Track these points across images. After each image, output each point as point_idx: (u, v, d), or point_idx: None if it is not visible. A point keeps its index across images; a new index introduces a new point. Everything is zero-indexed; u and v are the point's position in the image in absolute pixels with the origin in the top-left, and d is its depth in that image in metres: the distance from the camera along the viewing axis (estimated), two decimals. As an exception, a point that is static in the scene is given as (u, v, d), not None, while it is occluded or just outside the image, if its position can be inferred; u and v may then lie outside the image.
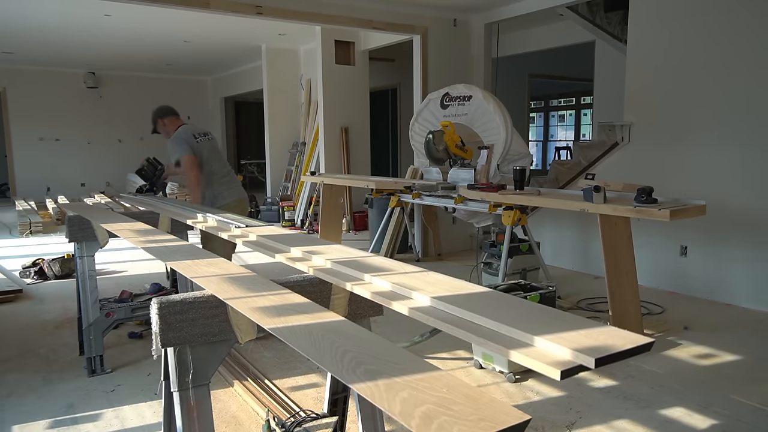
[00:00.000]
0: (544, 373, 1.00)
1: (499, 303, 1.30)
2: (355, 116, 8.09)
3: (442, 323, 1.22)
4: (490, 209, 4.41)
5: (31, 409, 2.84)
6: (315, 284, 1.68)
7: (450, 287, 1.42)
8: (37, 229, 7.94)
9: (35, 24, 7.44)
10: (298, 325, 1.25)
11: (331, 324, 1.26)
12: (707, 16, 4.55)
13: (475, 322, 1.18)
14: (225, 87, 12.68)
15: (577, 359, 0.98)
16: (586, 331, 1.09)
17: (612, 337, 1.06)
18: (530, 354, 1.03)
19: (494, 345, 1.08)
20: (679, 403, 2.84)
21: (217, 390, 2.99)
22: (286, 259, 1.89)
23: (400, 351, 1.10)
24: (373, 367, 1.01)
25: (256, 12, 5.30)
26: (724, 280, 4.55)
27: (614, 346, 1.01)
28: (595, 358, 0.96)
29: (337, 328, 1.23)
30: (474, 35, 6.65)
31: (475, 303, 1.28)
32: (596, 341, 1.04)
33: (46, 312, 4.48)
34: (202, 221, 2.70)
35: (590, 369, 0.98)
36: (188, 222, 2.83)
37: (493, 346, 1.08)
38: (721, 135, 4.50)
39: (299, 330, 1.23)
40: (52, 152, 11.85)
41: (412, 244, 6.29)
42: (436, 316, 1.25)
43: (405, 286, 1.43)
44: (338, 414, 2.29)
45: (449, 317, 1.24)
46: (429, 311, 1.28)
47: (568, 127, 15.47)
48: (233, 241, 2.31)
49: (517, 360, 1.05)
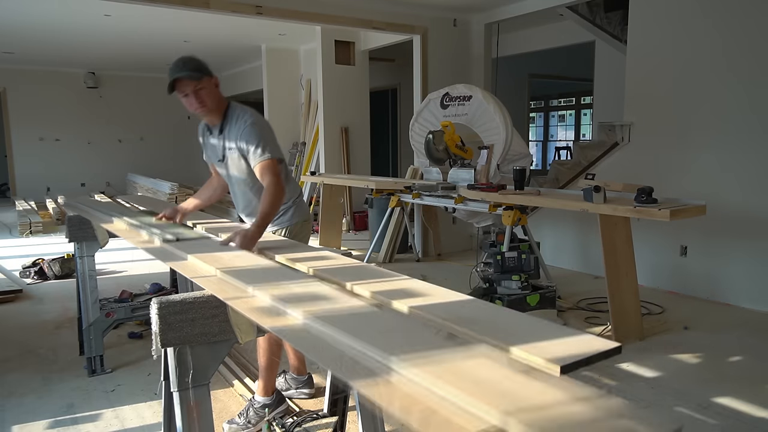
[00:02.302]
0: (545, 369, 1.01)
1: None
2: (355, 116, 8.09)
3: (439, 320, 1.23)
4: (490, 209, 4.41)
5: (31, 409, 2.84)
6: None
7: (429, 298, 1.41)
8: (37, 229, 7.94)
9: (35, 24, 7.43)
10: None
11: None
12: (707, 16, 4.55)
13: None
14: (225, 87, 12.60)
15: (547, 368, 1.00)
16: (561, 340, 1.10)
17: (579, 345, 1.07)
18: (530, 350, 1.05)
19: (493, 341, 1.10)
20: (679, 403, 2.83)
21: (217, 390, 2.99)
22: (286, 260, 1.89)
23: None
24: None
25: (256, 12, 5.30)
26: (724, 280, 4.55)
27: (580, 353, 1.02)
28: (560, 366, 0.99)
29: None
30: (474, 35, 6.65)
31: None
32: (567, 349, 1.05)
33: (46, 312, 4.48)
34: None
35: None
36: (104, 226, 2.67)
37: (493, 342, 1.10)
38: (722, 135, 4.50)
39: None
40: (52, 152, 11.85)
41: (412, 244, 6.29)
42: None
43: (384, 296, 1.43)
44: (338, 414, 2.29)
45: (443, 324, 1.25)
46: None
47: (568, 127, 15.46)
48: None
49: (516, 355, 1.06)
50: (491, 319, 1.23)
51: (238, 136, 2.45)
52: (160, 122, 12.90)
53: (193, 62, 2.42)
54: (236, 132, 2.46)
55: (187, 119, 13.32)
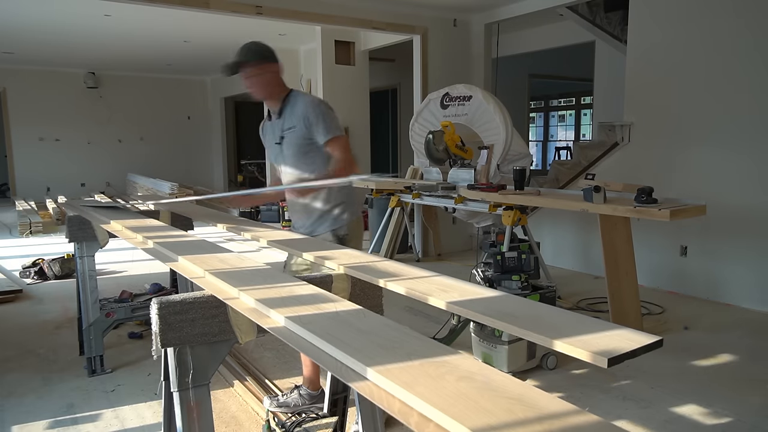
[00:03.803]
0: (591, 361, 1.00)
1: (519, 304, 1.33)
2: (355, 116, 8.08)
3: (479, 315, 1.25)
4: (490, 209, 4.41)
5: (31, 409, 2.84)
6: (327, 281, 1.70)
7: (464, 292, 1.42)
8: (37, 229, 7.94)
9: (35, 24, 7.43)
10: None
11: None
12: (707, 17, 4.55)
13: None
14: (225, 87, 12.67)
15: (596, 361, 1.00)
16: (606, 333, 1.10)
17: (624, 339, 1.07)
18: (574, 343, 1.05)
19: (536, 335, 1.10)
20: (679, 403, 2.83)
21: (217, 390, 2.99)
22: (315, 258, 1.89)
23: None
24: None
25: (256, 12, 5.30)
26: (724, 280, 4.55)
27: (625, 347, 1.02)
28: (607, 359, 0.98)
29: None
30: (474, 35, 6.65)
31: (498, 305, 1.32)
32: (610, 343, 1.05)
33: (46, 312, 4.48)
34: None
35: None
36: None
37: (536, 336, 1.10)
38: (722, 135, 4.50)
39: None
40: (52, 152, 11.85)
41: (412, 244, 6.29)
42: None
43: (420, 292, 1.44)
44: (338, 414, 2.29)
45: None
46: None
47: (568, 127, 15.46)
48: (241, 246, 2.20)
49: (561, 348, 1.06)
50: (531, 313, 1.24)
51: (304, 113, 2.41)
52: (160, 122, 12.90)
53: (258, 47, 2.43)
54: (301, 109, 2.42)
55: (187, 119, 13.33)
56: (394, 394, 0.93)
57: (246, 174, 12.62)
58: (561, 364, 3.28)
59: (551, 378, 3.17)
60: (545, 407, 0.85)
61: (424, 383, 0.92)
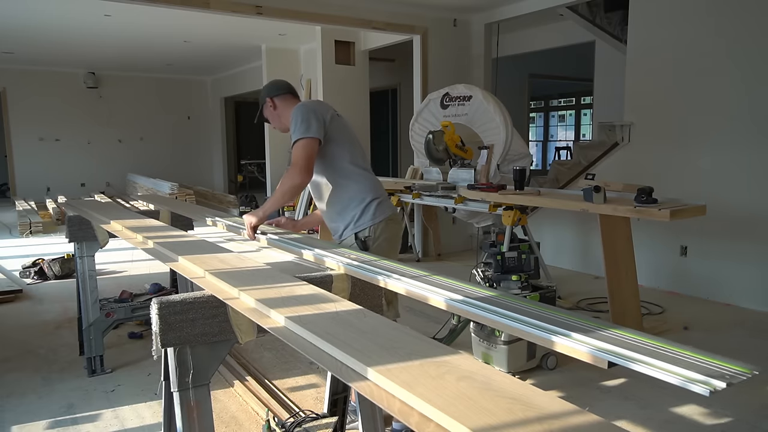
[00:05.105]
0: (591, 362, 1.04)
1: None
2: (355, 116, 8.07)
3: (482, 315, 1.27)
4: (490, 209, 4.41)
5: (31, 409, 2.84)
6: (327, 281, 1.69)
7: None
8: (37, 229, 7.94)
9: (35, 24, 7.43)
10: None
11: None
12: (707, 17, 4.55)
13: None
14: (225, 87, 12.68)
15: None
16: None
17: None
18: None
19: (537, 335, 1.14)
20: (679, 403, 2.83)
21: (217, 390, 2.98)
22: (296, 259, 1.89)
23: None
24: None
25: (256, 12, 5.30)
26: (724, 280, 4.55)
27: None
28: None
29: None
30: (474, 35, 6.64)
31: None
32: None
33: (46, 312, 4.48)
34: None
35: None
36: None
37: (536, 336, 1.14)
38: (722, 135, 4.50)
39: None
40: (52, 152, 11.85)
41: (412, 244, 6.28)
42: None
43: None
44: (338, 414, 2.29)
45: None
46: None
47: (568, 127, 15.47)
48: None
49: (561, 349, 1.11)
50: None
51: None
52: (160, 122, 12.90)
53: (264, 88, 2.56)
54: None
55: (187, 119, 13.33)
56: (394, 394, 0.93)
57: (246, 174, 12.62)
58: (561, 364, 3.28)
59: (551, 378, 3.17)
60: (545, 407, 0.85)
61: (425, 383, 0.92)
